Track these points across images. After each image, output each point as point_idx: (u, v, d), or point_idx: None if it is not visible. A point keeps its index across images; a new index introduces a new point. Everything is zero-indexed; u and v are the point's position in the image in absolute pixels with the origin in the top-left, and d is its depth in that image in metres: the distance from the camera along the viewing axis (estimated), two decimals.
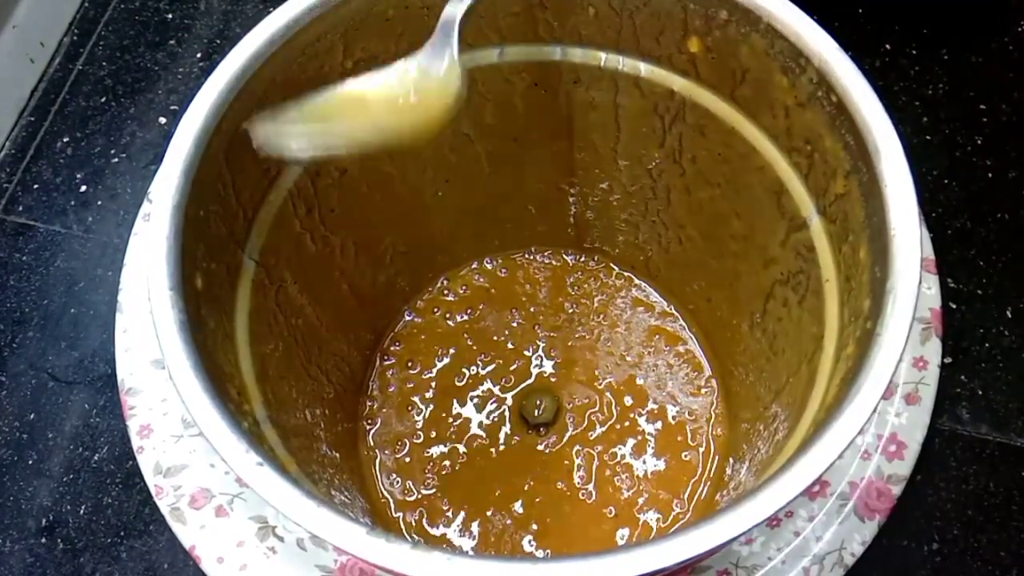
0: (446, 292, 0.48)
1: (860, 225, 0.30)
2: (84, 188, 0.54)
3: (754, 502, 0.24)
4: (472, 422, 0.44)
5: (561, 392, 0.45)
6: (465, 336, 0.46)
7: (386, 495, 0.43)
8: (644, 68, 0.36)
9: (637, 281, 0.47)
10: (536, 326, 0.46)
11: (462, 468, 0.43)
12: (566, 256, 0.48)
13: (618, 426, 0.44)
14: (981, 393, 0.46)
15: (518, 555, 0.41)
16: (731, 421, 0.43)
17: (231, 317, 0.32)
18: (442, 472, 0.43)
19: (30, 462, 0.46)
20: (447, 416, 0.44)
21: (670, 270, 0.45)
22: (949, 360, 0.47)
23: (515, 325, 0.46)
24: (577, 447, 0.43)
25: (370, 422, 0.44)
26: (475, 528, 0.42)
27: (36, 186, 0.54)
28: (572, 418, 0.44)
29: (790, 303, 0.36)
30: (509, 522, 0.42)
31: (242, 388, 0.31)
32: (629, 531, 0.41)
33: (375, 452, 0.44)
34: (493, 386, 0.45)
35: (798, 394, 0.33)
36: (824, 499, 0.34)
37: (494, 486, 0.42)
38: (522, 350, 0.46)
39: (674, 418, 0.44)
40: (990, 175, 0.52)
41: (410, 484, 0.43)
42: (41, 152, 0.55)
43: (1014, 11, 0.57)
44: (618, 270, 0.48)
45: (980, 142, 0.53)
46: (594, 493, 0.42)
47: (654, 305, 0.47)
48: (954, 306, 0.48)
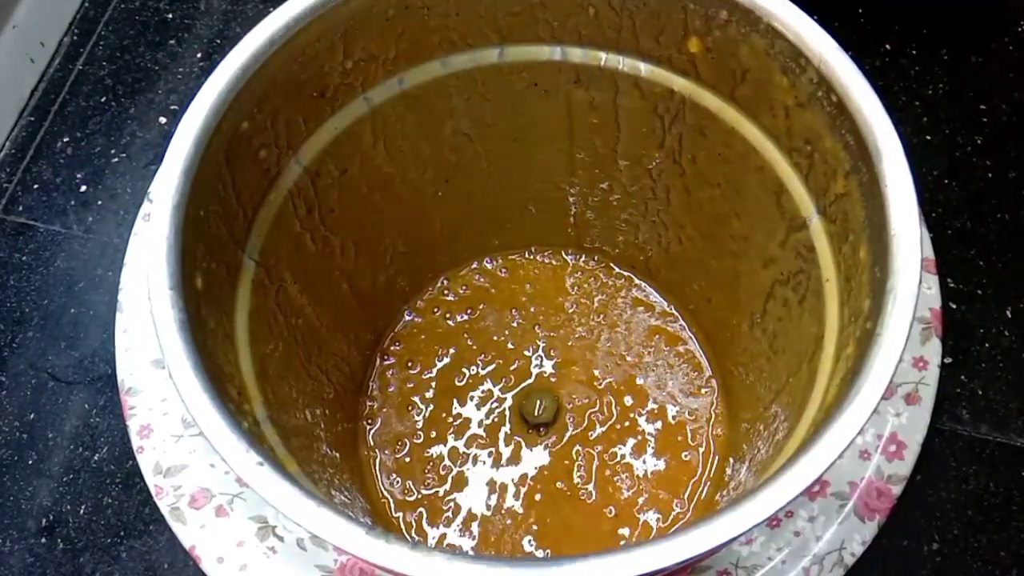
0: (446, 292, 0.48)
1: (860, 225, 0.30)
2: (84, 188, 0.54)
3: (754, 502, 0.24)
4: (472, 422, 0.44)
5: (561, 392, 0.45)
6: (465, 336, 0.46)
7: (386, 495, 0.43)
8: (644, 68, 0.36)
9: (637, 281, 0.47)
10: (536, 326, 0.46)
11: (462, 468, 0.43)
12: (566, 256, 0.48)
13: (618, 426, 0.44)
14: (981, 393, 0.46)
15: (518, 555, 0.41)
16: (731, 421, 0.43)
17: (231, 317, 0.32)
18: (442, 472, 0.43)
19: (30, 462, 0.46)
20: (447, 416, 0.44)
21: (670, 270, 0.45)
22: (949, 360, 0.47)
23: (515, 325, 0.46)
24: (577, 447, 0.43)
25: (370, 422, 0.44)
26: (475, 528, 0.42)
27: (36, 186, 0.54)
28: (572, 418, 0.44)
29: (790, 303, 0.36)
30: (509, 522, 0.42)
31: (242, 388, 0.31)
32: (629, 531, 0.41)
33: (375, 452, 0.44)
34: (493, 386, 0.45)
35: (798, 394, 0.33)
36: (824, 499, 0.34)
37: (494, 486, 0.43)
38: (522, 350, 0.46)
39: (674, 418, 0.44)
40: (990, 175, 0.52)
41: (410, 484, 0.43)
42: (41, 152, 0.55)
43: (1014, 11, 0.57)
44: (618, 270, 0.48)
45: (980, 142, 0.53)
46: (594, 493, 0.42)
47: (654, 305, 0.47)
48: (954, 306, 0.48)
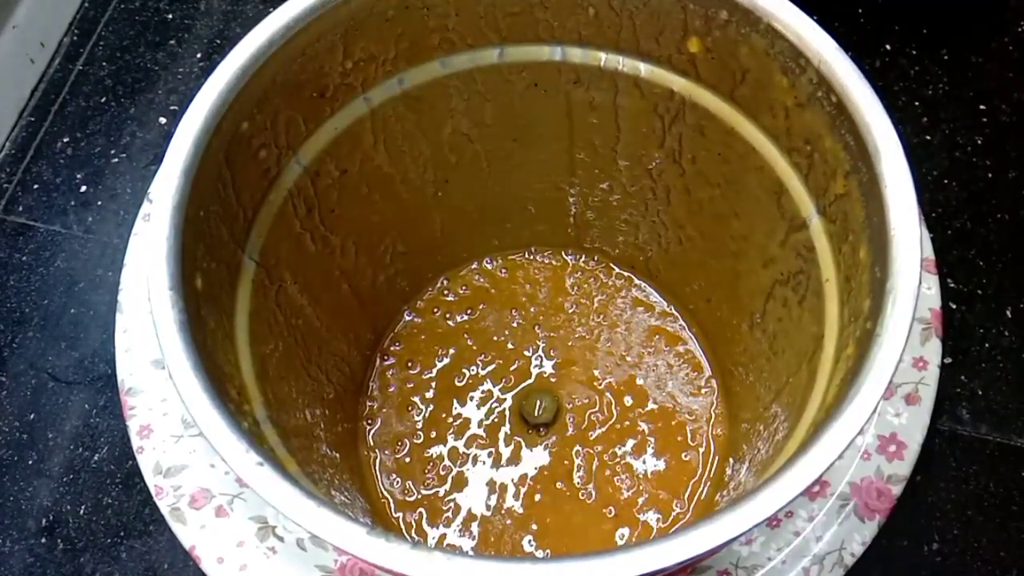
0: (446, 292, 0.48)
1: (860, 225, 0.30)
2: (84, 188, 0.54)
3: (754, 502, 0.24)
4: (472, 422, 0.44)
5: (561, 392, 0.45)
6: (465, 336, 0.46)
7: (386, 495, 0.43)
8: (644, 68, 0.36)
9: (637, 281, 0.47)
10: (536, 326, 0.46)
11: (462, 468, 0.43)
12: (566, 256, 0.48)
13: (618, 426, 0.44)
14: (981, 393, 0.46)
15: (518, 555, 0.41)
16: (731, 421, 0.43)
17: (231, 317, 0.32)
18: (442, 472, 0.43)
19: (30, 462, 0.46)
20: (447, 416, 0.44)
21: (670, 270, 0.45)
22: (949, 360, 0.47)
23: (515, 325, 0.46)
24: (577, 447, 0.43)
25: (370, 422, 0.44)
26: (475, 528, 0.42)
27: (36, 186, 0.54)
28: (572, 418, 0.44)
29: (790, 303, 0.36)
30: (509, 522, 0.42)
31: (242, 388, 0.31)
32: (629, 531, 0.41)
33: (375, 452, 0.44)
34: (493, 386, 0.45)
35: (798, 394, 0.33)
36: (824, 499, 0.34)
37: (494, 486, 0.43)
38: (522, 350, 0.46)
39: (674, 418, 0.44)
40: (990, 175, 0.52)
41: (410, 484, 0.43)
42: (41, 152, 0.55)
43: (1014, 11, 0.57)
44: (618, 270, 0.48)
45: (980, 142, 0.53)
46: (594, 493, 0.42)
47: (654, 305, 0.47)
48: (954, 306, 0.48)
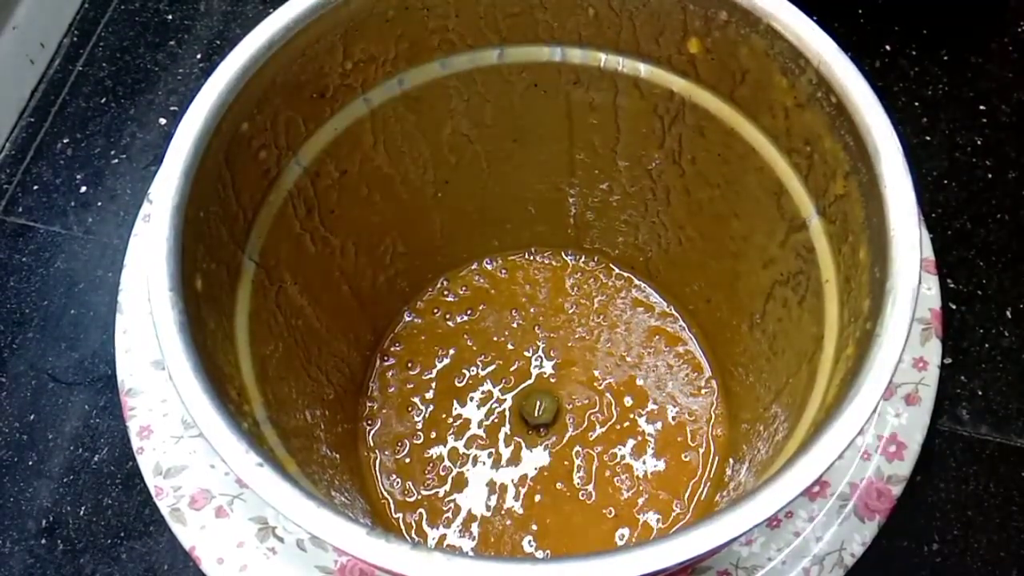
0: (446, 293, 0.48)
1: (860, 226, 0.30)
2: (84, 189, 0.54)
3: (754, 503, 0.24)
4: (472, 423, 0.44)
5: (561, 393, 0.45)
6: (465, 337, 0.46)
7: (386, 496, 0.43)
8: (644, 69, 0.36)
9: (637, 282, 0.47)
10: (536, 327, 0.46)
11: (462, 469, 0.43)
12: (566, 257, 0.48)
13: (618, 427, 0.44)
14: (981, 394, 0.46)
15: (518, 556, 0.41)
16: (731, 422, 0.43)
17: (231, 318, 0.32)
18: (442, 473, 0.43)
19: (30, 463, 0.46)
20: (447, 417, 0.44)
21: (670, 271, 0.45)
22: (949, 361, 0.47)
23: (515, 326, 0.46)
24: (577, 448, 0.43)
25: (370, 423, 0.44)
26: (475, 529, 0.42)
27: (36, 187, 0.54)
28: (572, 419, 0.44)
29: (790, 304, 0.36)
30: (509, 523, 0.42)
31: (242, 389, 0.31)
32: (629, 532, 0.41)
33: (375, 453, 0.44)
34: (493, 387, 0.45)
35: (798, 395, 0.33)
36: (824, 500, 0.34)
37: (494, 487, 0.43)
38: (522, 351, 0.46)
39: (674, 419, 0.44)
40: (990, 176, 0.52)
41: (410, 485, 0.43)
42: (41, 153, 0.55)
43: (1014, 12, 0.57)
44: (618, 271, 0.48)
45: (980, 143, 0.53)
46: (594, 494, 0.42)
47: (654, 306, 0.47)
48: (954, 307, 0.48)
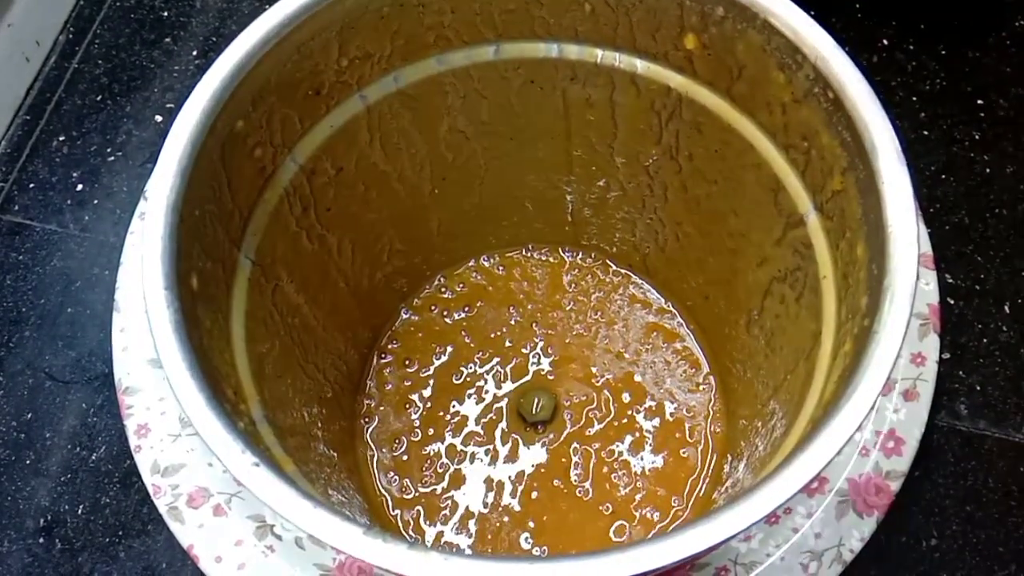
0: (443, 290, 0.48)
1: (857, 222, 0.30)
2: (80, 187, 0.53)
3: (752, 499, 0.24)
4: (470, 420, 0.44)
5: (559, 389, 0.45)
6: (462, 334, 0.46)
7: (383, 493, 0.43)
8: (640, 65, 0.36)
9: (634, 278, 0.47)
10: (533, 323, 0.46)
11: (459, 466, 0.43)
12: (563, 253, 0.48)
13: (616, 423, 0.44)
14: (979, 389, 0.46)
15: (515, 553, 0.41)
16: (729, 418, 0.43)
17: (227, 316, 0.32)
18: (439, 470, 0.43)
19: (28, 462, 0.46)
20: (444, 414, 0.44)
21: (667, 267, 0.45)
22: (947, 356, 0.47)
23: (512, 323, 0.46)
24: (575, 444, 0.43)
25: (367, 420, 0.44)
26: (472, 526, 0.42)
27: (32, 185, 0.54)
28: (570, 415, 0.44)
29: (788, 300, 0.36)
30: (506, 519, 0.42)
31: (238, 388, 0.31)
32: (627, 528, 0.41)
33: (372, 450, 0.44)
34: (491, 384, 0.45)
35: (796, 391, 0.33)
36: (822, 495, 0.34)
37: (492, 484, 0.42)
38: (520, 347, 0.46)
39: (672, 415, 0.44)
40: (988, 170, 0.52)
41: (407, 482, 0.43)
42: (37, 151, 0.55)
43: (1012, 6, 0.57)
44: (615, 267, 0.48)
45: (978, 137, 0.53)
46: (592, 490, 0.42)
47: (651, 302, 0.47)
48: (952, 302, 0.48)
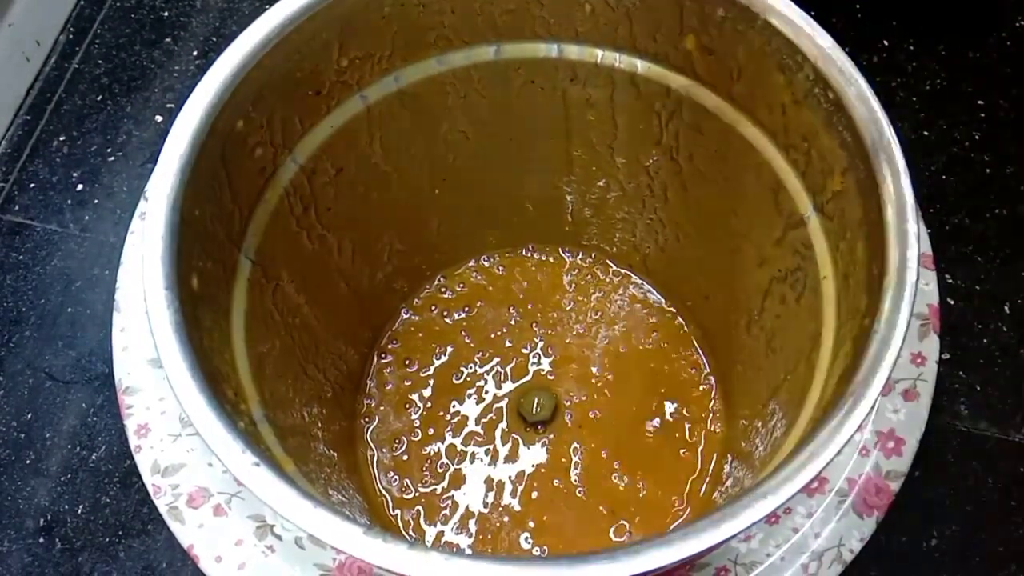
0: (443, 290, 0.48)
1: (857, 222, 0.30)
2: (80, 187, 0.53)
3: (752, 500, 0.24)
4: (470, 420, 0.44)
5: (559, 389, 0.45)
6: (463, 334, 0.46)
7: (384, 493, 0.43)
8: (641, 65, 0.36)
9: (635, 278, 0.47)
10: (534, 324, 0.46)
11: (460, 466, 0.43)
12: (563, 254, 0.48)
13: (616, 423, 0.44)
14: (979, 389, 0.46)
15: (515, 553, 0.41)
16: (729, 418, 0.43)
17: (227, 316, 0.32)
18: (439, 470, 0.43)
19: (28, 462, 0.46)
20: (445, 414, 0.44)
21: (668, 268, 0.45)
22: (947, 356, 0.47)
23: (513, 323, 0.46)
24: (575, 444, 0.43)
25: (368, 420, 0.44)
26: (472, 526, 0.42)
27: (32, 185, 0.54)
28: (570, 415, 0.44)
29: (788, 300, 0.36)
30: (506, 519, 0.42)
31: (239, 388, 0.31)
32: (627, 528, 0.41)
33: (373, 450, 0.44)
34: (491, 384, 0.45)
35: (796, 391, 0.33)
36: (822, 496, 0.34)
37: (491, 484, 0.42)
38: (520, 348, 0.46)
39: (672, 415, 0.44)
40: (988, 171, 0.52)
41: (408, 482, 0.43)
42: (37, 151, 0.55)
43: (1011, 6, 0.57)
44: (615, 267, 0.48)
45: (978, 138, 0.53)
46: (592, 490, 0.42)
47: (652, 303, 0.47)
48: (952, 302, 0.48)
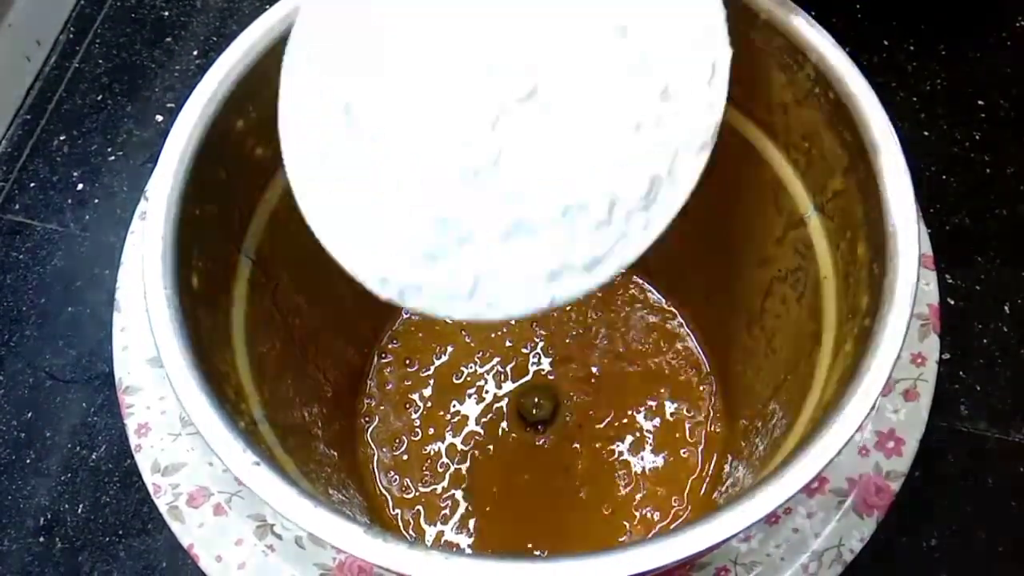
0: None
1: (858, 222, 0.30)
2: (81, 186, 0.53)
3: (753, 499, 0.24)
4: (470, 419, 0.44)
5: (559, 390, 0.45)
6: (463, 334, 0.46)
7: (384, 492, 0.43)
8: None
9: (634, 278, 0.47)
10: (534, 324, 0.46)
11: (460, 466, 0.43)
12: None
13: (616, 423, 0.44)
14: (979, 389, 0.46)
15: (515, 553, 0.41)
16: (729, 418, 0.43)
17: (228, 316, 0.32)
18: (440, 469, 0.43)
19: (28, 461, 0.46)
20: (445, 414, 0.44)
21: (668, 267, 0.45)
22: (948, 356, 0.47)
23: (513, 322, 0.46)
24: (575, 445, 0.43)
25: (368, 420, 0.44)
26: (472, 525, 0.42)
27: (33, 184, 0.54)
28: (570, 415, 0.44)
29: (788, 300, 0.36)
30: (507, 519, 0.42)
31: (239, 387, 0.31)
32: (627, 528, 0.41)
33: (373, 450, 0.44)
34: (491, 384, 0.45)
35: (796, 391, 0.33)
36: (823, 496, 0.34)
37: (492, 484, 0.42)
38: (520, 348, 0.46)
39: (672, 415, 0.44)
40: (988, 171, 0.52)
41: (408, 482, 0.43)
42: (38, 150, 0.55)
43: (1012, 6, 0.57)
44: None
45: (978, 138, 0.53)
46: (592, 491, 0.42)
47: (652, 302, 0.47)
48: (952, 302, 0.48)
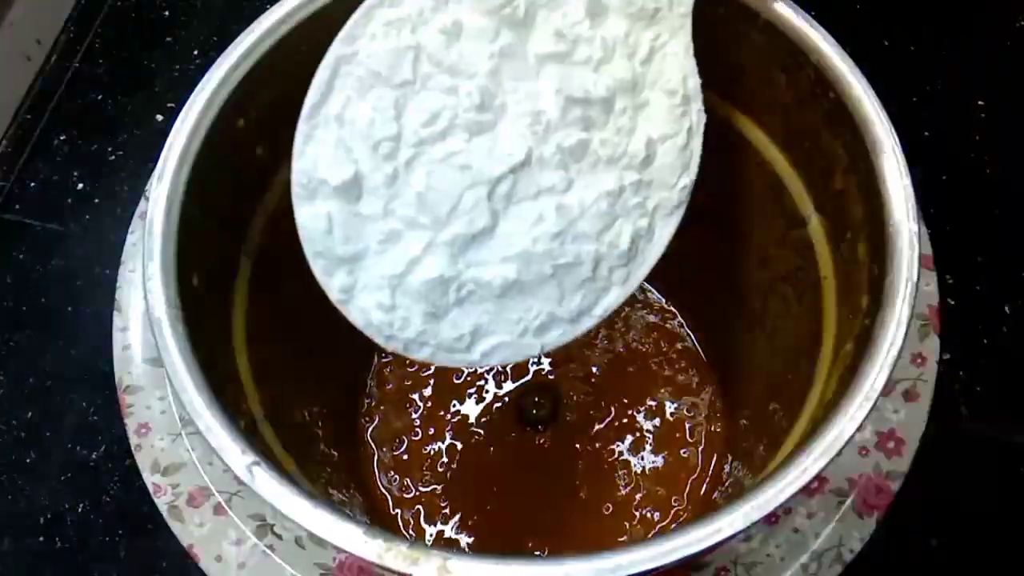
0: None
1: (858, 222, 0.30)
2: (81, 186, 0.53)
3: (753, 499, 0.24)
4: (470, 419, 0.44)
5: (559, 389, 0.45)
6: None
7: (384, 492, 0.43)
8: None
9: None
10: None
11: (460, 465, 0.43)
12: None
13: (616, 423, 0.44)
14: (980, 389, 0.46)
15: (516, 552, 0.41)
16: (729, 418, 0.43)
17: (228, 316, 0.32)
18: (440, 469, 0.43)
19: (28, 461, 0.46)
20: (445, 413, 0.44)
21: (668, 267, 0.45)
22: (948, 357, 0.47)
23: None
24: (575, 444, 0.43)
25: (368, 419, 0.44)
26: (472, 525, 0.42)
27: (33, 184, 0.54)
28: (570, 415, 0.44)
29: (789, 301, 0.36)
30: (507, 519, 0.42)
31: (239, 387, 0.31)
32: (627, 528, 0.41)
33: (373, 449, 0.44)
34: (491, 383, 0.45)
35: (796, 391, 0.33)
36: (823, 496, 0.34)
37: (492, 483, 0.42)
38: None
39: (672, 415, 0.44)
40: (988, 171, 0.52)
41: (408, 481, 0.43)
42: (38, 150, 0.55)
43: (1013, 7, 0.57)
44: None
45: (978, 138, 0.53)
46: (592, 490, 0.42)
47: (652, 302, 0.47)
48: (953, 302, 0.48)
